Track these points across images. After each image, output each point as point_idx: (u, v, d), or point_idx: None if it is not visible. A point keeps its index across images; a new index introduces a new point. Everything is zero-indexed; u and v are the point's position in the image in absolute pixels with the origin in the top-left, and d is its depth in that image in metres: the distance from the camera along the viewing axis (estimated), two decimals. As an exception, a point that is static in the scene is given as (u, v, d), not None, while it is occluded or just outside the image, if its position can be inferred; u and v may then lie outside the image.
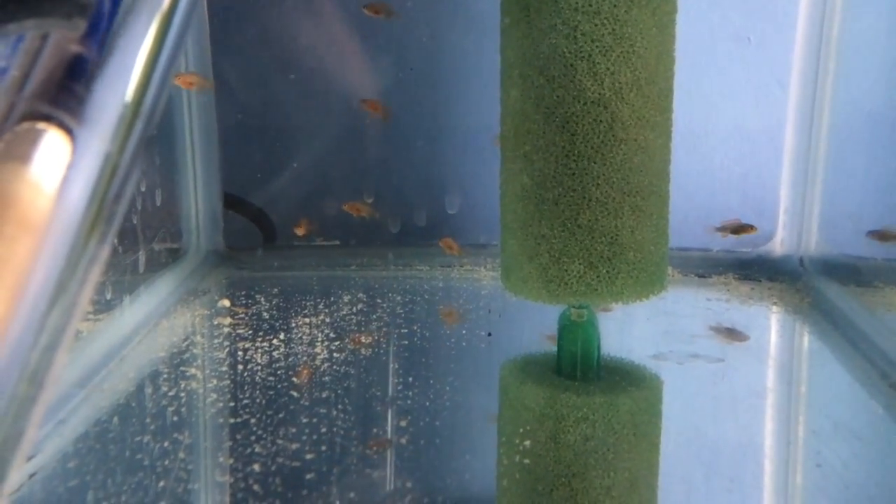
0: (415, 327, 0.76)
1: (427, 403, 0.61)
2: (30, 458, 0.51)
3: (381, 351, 0.71)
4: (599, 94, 0.58)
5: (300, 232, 0.92)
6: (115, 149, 0.34)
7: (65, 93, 0.33)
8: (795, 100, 0.91)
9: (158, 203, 0.84)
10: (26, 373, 0.29)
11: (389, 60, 0.94)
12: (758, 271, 0.92)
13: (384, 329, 0.75)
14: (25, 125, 0.33)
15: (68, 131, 0.33)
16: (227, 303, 0.83)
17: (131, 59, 0.35)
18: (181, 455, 0.53)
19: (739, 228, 0.89)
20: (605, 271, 0.60)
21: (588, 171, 0.59)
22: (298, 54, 0.94)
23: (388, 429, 0.57)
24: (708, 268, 0.93)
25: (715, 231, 0.91)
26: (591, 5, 0.57)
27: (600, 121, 0.58)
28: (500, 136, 0.63)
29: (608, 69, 0.57)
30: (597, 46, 0.57)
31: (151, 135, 0.37)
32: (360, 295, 0.86)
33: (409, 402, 0.61)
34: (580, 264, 0.60)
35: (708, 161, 0.94)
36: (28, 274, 0.30)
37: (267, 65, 0.96)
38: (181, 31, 0.38)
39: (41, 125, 0.33)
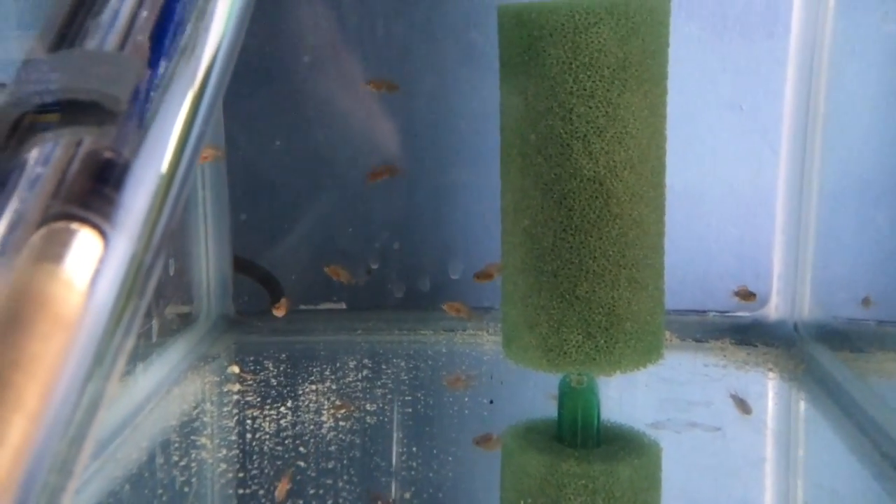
0: (419, 394, 0.78)
1: (431, 474, 0.62)
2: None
3: (386, 419, 0.72)
4: (595, 172, 0.60)
5: (279, 312, 0.93)
6: (141, 247, 0.36)
7: (96, 196, 0.36)
8: (786, 165, 0.93)
9: (172, 272, 0.86)
10: (57, 463, 0.31)
11: (396, 127, 0.97)
12: (754, 336, 0.92)
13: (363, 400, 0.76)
14: (59, 226, 0.36)
15: (99, 232, 0.36)
16: (236, 369, 0.85)
17: (158, 163, 0.38)
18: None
19: (748, 295, 0.91)
20: (603, 341, 0.62)
21: (585, 244, 0.61)
22: (308, 120, 0.97)
23: (393, 500, 0.59)
24: (705, 332, 0.93)
25: (734, 295, 0.92)
26: (585, 89, 0.60)
27: (596, 197, 0.61)
28: (501, 210, 0.66)
29: (603, 149, 0.60)
30: (591, 128, 0.60)
31: (174, 230, 0.40)
32: (366, 360, 0.88)
33: (413, 472, 0.63)
34: (579, 334, 0.62)
35: (704, 224, 0.96)
36: (60, 369, 0.32)
37: (277, 130, 0.98)
38: (202, 131, 0.41)
39: (74, 226, 0.36)
